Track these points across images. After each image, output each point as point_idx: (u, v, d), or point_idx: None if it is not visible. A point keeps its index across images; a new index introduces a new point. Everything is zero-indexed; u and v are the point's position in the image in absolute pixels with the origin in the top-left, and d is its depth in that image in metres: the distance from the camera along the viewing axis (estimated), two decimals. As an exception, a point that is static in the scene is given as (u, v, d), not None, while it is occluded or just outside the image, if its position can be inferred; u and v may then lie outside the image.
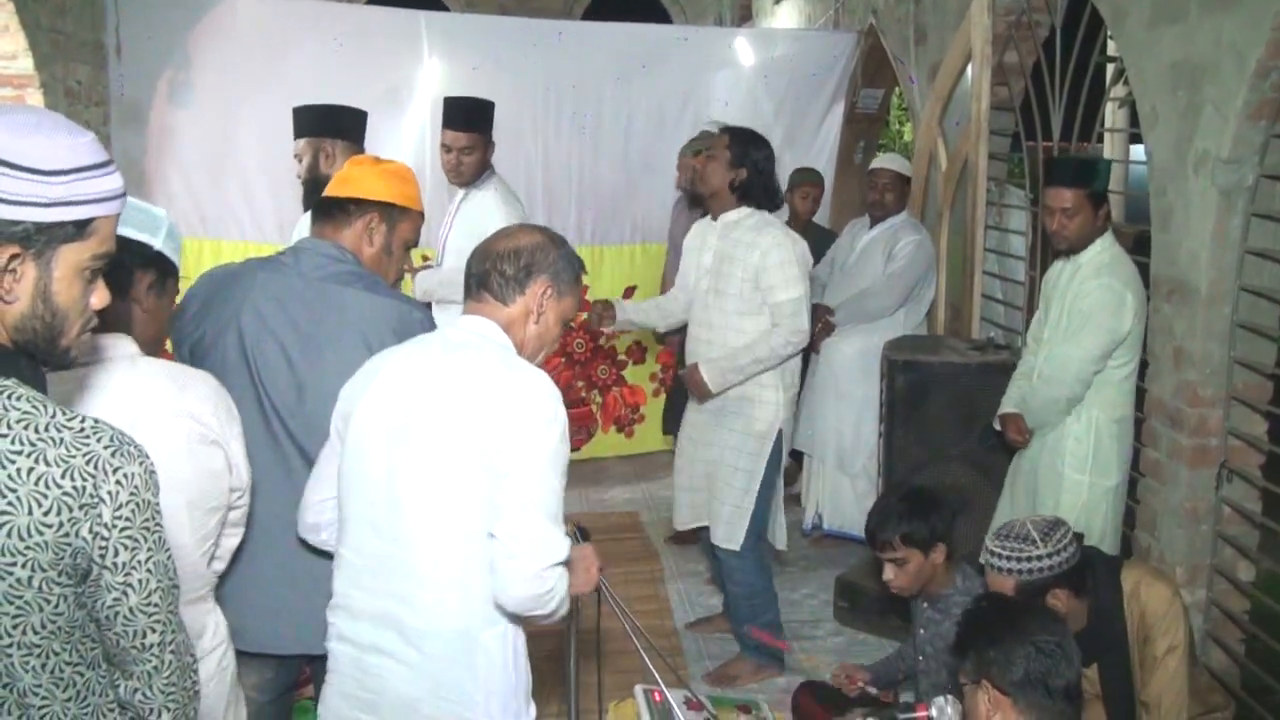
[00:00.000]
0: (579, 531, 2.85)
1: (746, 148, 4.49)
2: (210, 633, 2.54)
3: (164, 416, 2.34)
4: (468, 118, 5.21)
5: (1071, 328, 4.13)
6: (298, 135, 4.41)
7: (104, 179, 1.68)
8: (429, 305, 5.14)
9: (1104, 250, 4.15)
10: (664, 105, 7.24)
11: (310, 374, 2.88)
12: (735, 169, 4.47)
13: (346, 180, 3.08)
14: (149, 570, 1.73)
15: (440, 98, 5.54)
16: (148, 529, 1.72)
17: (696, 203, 4.79)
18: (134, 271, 2.39)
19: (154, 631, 1.76)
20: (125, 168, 6.25)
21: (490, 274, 2.57)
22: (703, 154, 4.70)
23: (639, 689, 3.19)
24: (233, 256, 6.02)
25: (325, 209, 3.07)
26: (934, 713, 2.36)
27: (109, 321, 2.34)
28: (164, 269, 2.47)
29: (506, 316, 2.57)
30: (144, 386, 2.34)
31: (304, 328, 2.91)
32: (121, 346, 2.37)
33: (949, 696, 2.38)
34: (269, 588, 2.89)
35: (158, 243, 2.44)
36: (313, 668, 3.12)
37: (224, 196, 6.66)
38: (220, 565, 2.61)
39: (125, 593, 1.71)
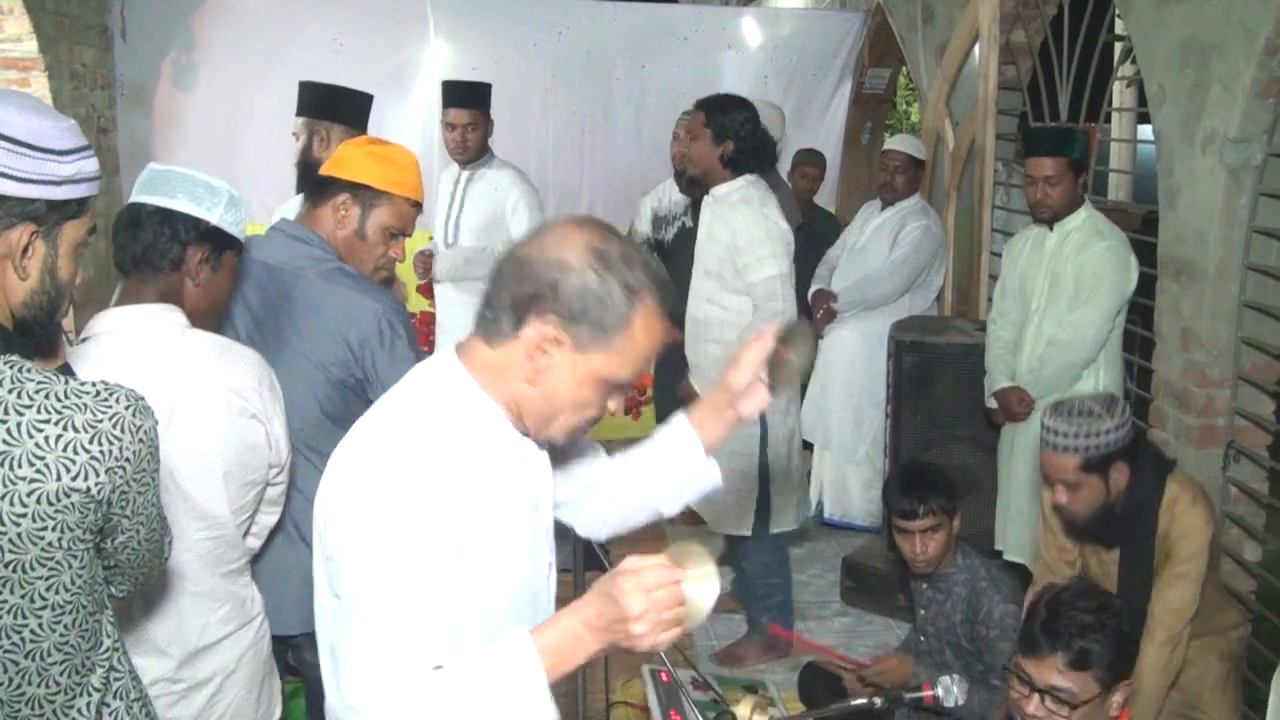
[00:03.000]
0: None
1: (724, 117, 4.39)
2: (251, 602, 2.58)
3: (208, 389, 2.39)
4: (470, 95, 5.34)
5: (1083, 293, 4.20)
6: (299, 113, 4.40)
7: (93, 160, 1.73)
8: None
9: (1091, 216, 4.31)
10: (674, 86, 7.21)
11: (264, 354, 2.81)
12: (720, 143, 4.38)
13: (334, 159, 3.02)
14: (152, 504, 1.82)
15: (450, 79, 5.58)
16: (155, 472, 1.79)
17: (692, 185, 4.73)
18: (187, 246, 2.43)
19: (150, 553, 1.89)
20: (132, 150, 6.28)
21: (488, 297, 1.78)
22: (684, 136, 4.65)
23: (646, 669, 3.19)
24: (239, 239, 6.04)
25: (310, 189, 3.04)
26: (939, 692, 2.35)
27: (162, 293, 2.41)
28: (221, 243, 2.49)
29: (490, 365, 1.77)
30: (190, 358, 2.39)
31: (256, 311, 2.88)
32: (171, 317, 2.41)
33: (955, 676, 2.37)
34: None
35: (214, 217, 2.46)
36: (295, 657, 3.08)
37: (232, 180, 6.64)
38: (256, 542, 2.65)
39: (136, 531, 1.81)
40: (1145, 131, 5.31)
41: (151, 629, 2.41)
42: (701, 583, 1.63)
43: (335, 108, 4.28)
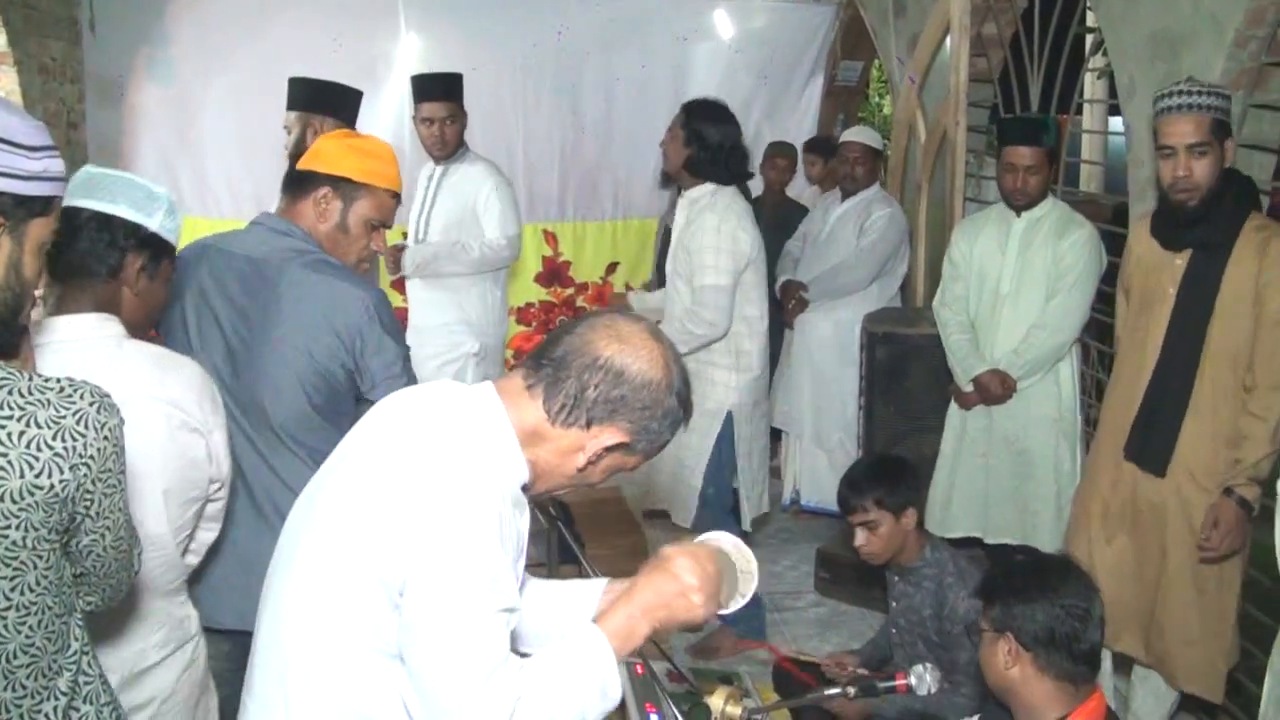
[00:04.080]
0: (557, 508, 2.83)
1: (696, 123, 4.38)
2: (188, 621, 2.53)
3: (145, 402, 2.30)
4: (446, 88, 5.24)
5: (1068, 277, 4.32)
6: (290, 107, 4.38)
7: (59, 161, 1.70)
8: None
9: (1058, 204, 4.48)
10: (645, 78, 7.23)
11: (244, 350, 2.82)
12: (688, 145, 4.38)
13: (311, 152, 3.01)
14: (119, 509, 1.79)
15: (420, 73, 5.54)
16: (122, 474, 1.77)
17: (668, 181, 4.74)
18: (126, 253, 2.34)
19: (117, 562, 1.85)
20: (100, 146, 6.24)
21: (567, 376, 1.82)
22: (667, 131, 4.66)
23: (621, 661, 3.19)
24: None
25: (289, 182, 3.00)
26: (913, 680, 2.37)
27: (99, 302, 2.33)
28: (158, 250, 2.41)
29: (536, 430, 1.83)
30: (127, 370, 2.30)
31: (239, 303, 2.86)
32: (108, 328, 2.32)
33: (928, 665, 2.40)
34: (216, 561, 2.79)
35: (154, 223, 2.38)
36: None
37: (202, 174, 6.64)
38: (194, 559, 2.58)
39: (102, 535, 1.78)
40: (1116, 124, 5.33)
41: None
42: (748, 564, 2.02)
43: (328, 102, 4.30)
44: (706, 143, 4.35)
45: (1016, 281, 4.41)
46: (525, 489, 1.88)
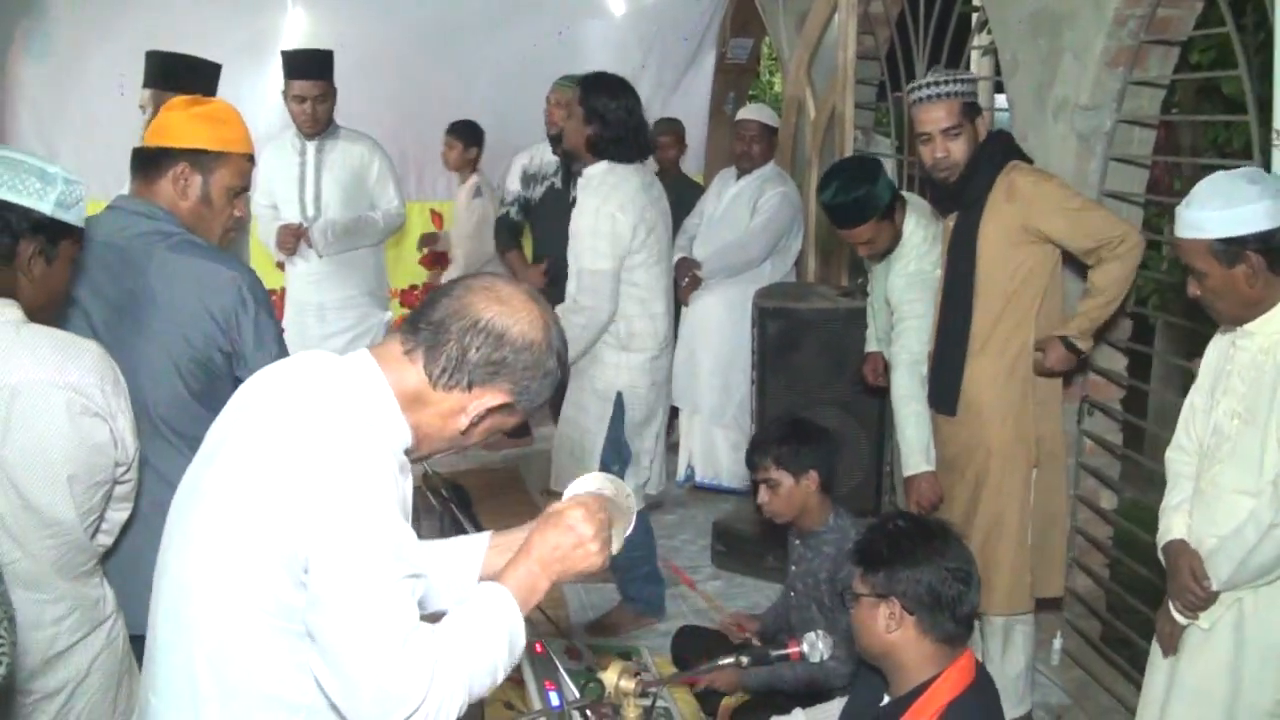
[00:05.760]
0: (455, 491, 2.82)
1: (596, 100, 4.30)
2: (103, 602, 2.48)
3: (46, 388, 2.25)
4: (318, 65, 5.27)
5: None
6: (146, 84, 4.26)
7: None
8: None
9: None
10: (537, 54, 7.15)
11: (116, 342, 2.68)
12: (589, 124, 4.29)
13: (156, 127, 2.89)
14: None
15: (291, 50, 5.50)
16: None
17: (566, 158, 4.74)
18: (19, 239, 2.26)
19: None
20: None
21: (448, 339, 1.81)
22: (555, 103, 4.62)
23: (519, 640, 3.19)
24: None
25: (138, 162, 2.88)
26: (805, 648, 2.40)
27: None
28: (56, 232, 2.32)
29: (417, 393, 1.82)
30: (27, 356, 2.25)
31: (106, 293, 2.77)
32: (6, 313, 2.26)
33: (819, 632, 2.42)
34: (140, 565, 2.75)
35: (47, 206, 2.28)
36: None
37: (82, 153, 6.42)
38: (106, 539, 2.53)
39: None
40: (1001, 101, 5.43)
41: None
42: (627, 500, 2.06)
43: (183, 78, 4.13)
44: (606, 120, 4.27)
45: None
46: (408, 453, 1.86)
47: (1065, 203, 3.61)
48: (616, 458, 4.49)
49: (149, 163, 2.86)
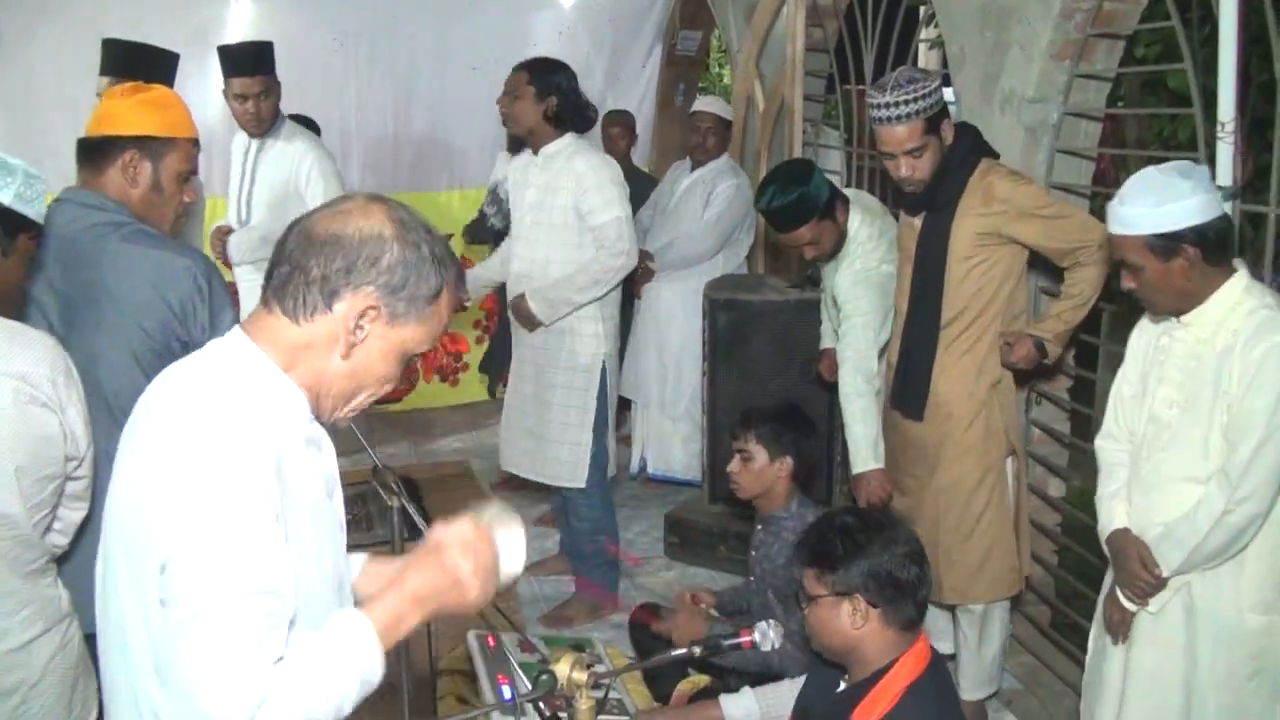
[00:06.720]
0: (400, 484, 2.80)
1: (548, 76, 4.46)
2: (58, 602, 2.45)
3: None
4: (258, 60, 4.95)
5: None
6: (103, 72, 4.20)
7: None
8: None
9: None
10: (485, 47, 7.10)
11: (72, 335, 2.68)
12: (544, 99, 4.43)
13: (100, 116, 2.86)
14: None
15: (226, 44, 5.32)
16: None
17: (516, 144, 4.75)
18: None
19: None
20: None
21: (292, 272, 1.71)
22: (505, 96, 4.63)
23: (472, 634, 3.18)
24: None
25: (85, 153, 2.86)
26: (757, 637, 2.41)
27: None
28: (13, 225, 2.31)
29: (291, 343, 1.71)
30: None
31: (59, 287, 2.74)
32: None
33: (771, 621, 2.43)
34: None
35: (6, 198, 2.27)
36: None
37: (34, 146, 6.30)
38: (62, 540, 2.50)
39: None
40: (948, 94, 5.45)
41: None
42: (511, 534, 1.87)
43: (141, 66, 4.08)
44: (564, 89, 4.45)
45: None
46: (321, 417, 1.78)
47: (1044, 208, 3.59)
48: (603, 435, 4.58)
49: (96, 152, 2.83)
